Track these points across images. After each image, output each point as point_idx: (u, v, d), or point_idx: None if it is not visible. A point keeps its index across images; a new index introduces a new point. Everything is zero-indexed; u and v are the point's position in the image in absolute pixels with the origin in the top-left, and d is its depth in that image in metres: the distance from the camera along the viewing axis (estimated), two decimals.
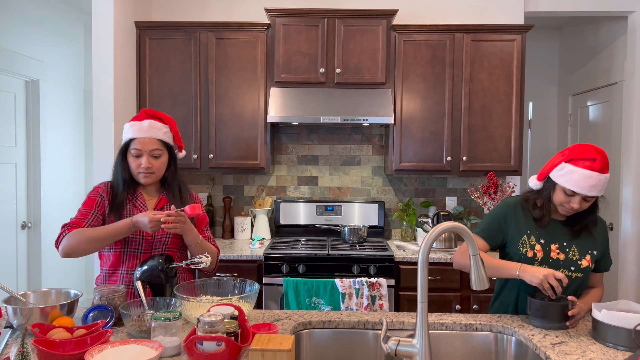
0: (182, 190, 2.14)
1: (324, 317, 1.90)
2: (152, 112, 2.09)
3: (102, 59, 3.20)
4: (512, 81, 3.45)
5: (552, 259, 1.95)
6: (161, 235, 2.04)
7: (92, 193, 2.08)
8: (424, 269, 1.36)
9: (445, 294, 3.19)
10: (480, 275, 1.46)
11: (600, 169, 1.83)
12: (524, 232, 1.99)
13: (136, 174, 2.05)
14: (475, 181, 3.81)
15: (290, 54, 3.45)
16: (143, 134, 2.01)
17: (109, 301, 1.77)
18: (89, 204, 2.04)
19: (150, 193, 2.12)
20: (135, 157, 2.03)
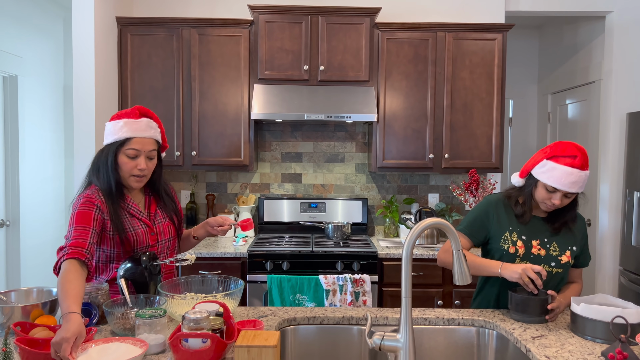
0: (167, 191, 2.06)
1: (308, 313, 1.91)
2: (144, 110, 1.92)
3: (83, 55, 3.16)
4: (493, 79, 3.49)
5: (533, 255, 1.99)
6: (164, 240, 2.00)
7: (85, 205, 1.79)
8: (408, 264, 1.38)
9: (428, 290, 3.22)
10: (462, 271, 1.49)
11: (580, 165, 1.87)
12: (505, 229, 2.03)
13: (127, 177, 1.87)
14: (457, 178, 3.85)
15: (274, 51, 3.45)
16: (141, 133, 1.85)
17: (92, 299, 1.75)
18: (85, 219, 1.76)
19: (136, 195, 1.98)
20: (130, 158, 1.85)
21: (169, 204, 2.04)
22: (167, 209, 2.04)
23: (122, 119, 1.86)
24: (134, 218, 1.91)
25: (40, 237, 4.52)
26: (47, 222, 4.62)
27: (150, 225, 1.95)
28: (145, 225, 1.94)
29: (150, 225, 1.95)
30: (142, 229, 1.92)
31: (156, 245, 1.96)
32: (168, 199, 2.04)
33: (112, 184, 1.85)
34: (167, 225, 2.01)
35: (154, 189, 2.02)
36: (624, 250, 3.68)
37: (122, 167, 1.86)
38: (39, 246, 4.51)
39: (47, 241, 4.62)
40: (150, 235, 1.94)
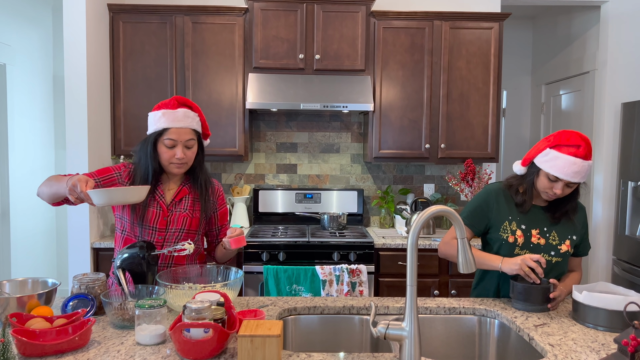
0: (207, 182, 2.06)
1: (309, 303, 1.89)
2: (182, 100, 1.96)
3: (74, 44, 3.09)
4: (489, 69, 3.48)
5: (532, 244, 1.98)
6: (175, 229, 1.98)
7: (113, 167, 1.99)
8: (413, 252, 1.36)
9: (424, 280, 3.22)
10: (467, 259, 1.47)
11: (584, 155, 1.85)
12: (505, 218, 2.02)
13: (167, 165, 1.94)
14: (453, 168, 3.85)
15: (269, 39, 3.41)
16: (178, 123, 1.90)
17: (89, 290, 1.72)
18: (102, 171, 1.95)
19: (170, 183, 2.02)
20: (168, 148, 1.91)
21: (204, 198, 2.02)
22: (198, 201, 2.02)
23: (161, 110, 1.92)
24: (153, 198, 1.96)
25: (31, 228, 4.46)
26: (37, 213, 4.55)
27: (164, 210, 1.97)
28: (160, 208, 1.96)
29: (164, 209, 1.97)
30: (154, 209, 1.95)
31: (165, 231, 1.96)
32: (203, 192, 2.02)
33: (151, 170, 1.93)
34: (183, 216, 1.99)
35: (193, 178, 2.03)
36: (617, 239, 3.70)
37: (161, 155, 1.93)
38: (30, 237, 4.44)
39: (38, 232, 4.56)
40: (162, 219, 1.96)
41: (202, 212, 2.02)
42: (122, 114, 3.43)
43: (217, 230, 2.13)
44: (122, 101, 3.42)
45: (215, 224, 2.12)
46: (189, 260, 2.04)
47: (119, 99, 3.42)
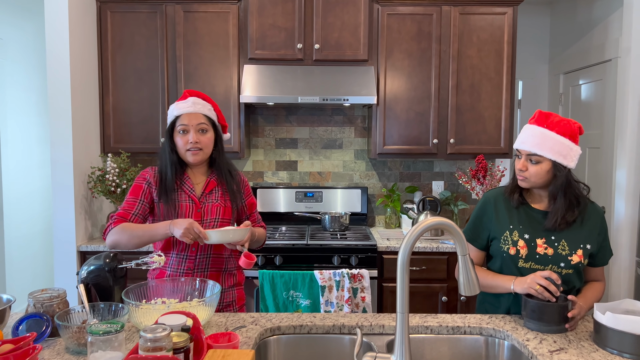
0: (231, 172, 2.06)
1: (295, 321, 1.69)
2: (194, 93, 2.02)
3: (56, 35, 2.91)
4: (502, 58, 3.23)
5: (538, 255, 1.76)
6: (210, 219, 1.96)
7: (138, 179, 2.01)
8: (404, 273, 1.15)
9: (431, 285, 3.00)
10: (470, 278, 1.26)
11: (537, 122, 1.74)
12: (505, 227, 1.80)
13: (184, 153, 1.95)
14: (463, 164, 3.61)
15: (265, 28, 3.19)
16: (187, 109, 1.94)
17: (46, 309, 1.54)
18: (135, 192, 1.97)
19: (197, 176, 2.03)
20: (182, 135, 1.94)
21: (230, 188, 2.02)
22: (227, 191, 2.02)
23: (175, 103, 1.99)
24: (183, 193, 1.97)
25: (27, 228, 4.33)
26: (33, 212, 4.42)
27: (197, 202, 1.96)
28: (192, 202, 1.96)
29: (197, 202, 1.97)
30: (187, 204, 1.95)
31: (200, 223, 1.94)
32: (231, 183, 2.03)
33: (169, 162, 1.95)
34: (216, 206, 1.98)
35: (215, 169, 2.03)
36: None
37: (177, 144, 1.95)
38: (25, 237, 4.31)
39: (34, 232, 4.42)
40: (196, 212, 1.95)
41: (232, 201, 2.03)
42: (111, 108, 3.25)
43: (246, 218, 2.12)
44: (111, 95, 3.25)
45: (245, 213, 2.12)
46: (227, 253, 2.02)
47: (107, 93, 3.25)
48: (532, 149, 1.71)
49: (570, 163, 1.72)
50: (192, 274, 1.94)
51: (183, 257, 1.94)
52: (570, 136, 1.72)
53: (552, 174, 1.73)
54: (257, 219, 2.16)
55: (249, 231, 1.85)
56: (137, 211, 1.94)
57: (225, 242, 1.84)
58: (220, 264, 1.99)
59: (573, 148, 1.72)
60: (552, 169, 1.72)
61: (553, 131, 1.71)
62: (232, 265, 2.04)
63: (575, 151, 1.73)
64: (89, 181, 3.09)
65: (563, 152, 1.70)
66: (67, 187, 2.94)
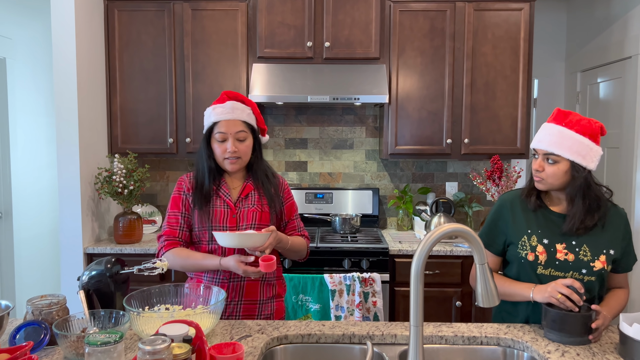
0: (269, 176, 1.97)
1: (303, 330, 1.62)
2: (232, 94, 1.93)
3: (63, 33, 2.88)
4: (518, 55, 3.13)
5: (558, 261, 1.67)
6: (245, 225, 1.88)
7: (176, 190, 1.95)
8: (418, 282, 1.08)
9: (445, 290, 2.92)
10: (488, 289, 1.18)
11: (555, 120, 1.66)
12: (523, 232, 1.71)
13: (222, 161, 1.89)
14: (478, 165, 3.51)
15: (274, 26, 3.12)
16: (226, 115, 1.85)
17: (45, 316, 1.48)
18: (175, 204, 1.93)
19: (234, 181, 1.96)
20: (220, 142, 1.87)
21: (268, 192, 1.93)
22: (264, 196, 1.93)
23: (212, 106, 1.90)
24: (219, 198, 1.91)
25: (35, 228, 4.31)
26: (42, 212, 4.40)
27: (232, 208, 1.89)
28: (227, 207, 1.89)
29: (232, 207, 1.89)
30: (221, 209, 1.89)
31: (235, 229, 1.88)
32: (268, 187, 1.94)
33: (206, 169, 1.89)
34: (252, 211, 1.90)
35: (252, 174, 1.96)
36: None
37: (215, 151, 1.89)
38: (34, 238, 4.29)
39: (42, 232, 4.40)
40: (231, 217, 1.88)
41: (270, 205, 1.94)
42: (118, 108, 3.21)
43: (283, 226, 2.02)
44: (118, 95, 3.20)
45: (282, 219, 2.01)
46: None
47: (115, 93, 3.20)
48: (549, 148, 1.62)
49: (590, 164, 1.63)
50: (228, 283, 1.86)
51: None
52: (590, 136, 1.64)
53: (570, 175, 1.64)
54: (297, 226, 2.04)
55: (268, 237, 1.73)
56: (182, 225, 1.90)
57: (239, 247, 1.74)
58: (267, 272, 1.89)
59: (593, 148, 1.63)
60: (570, 169, 1.64)
61: (572, 130, 1.63)
62: (270, 274, 1.94)
63: (595, 151, 1.64)
64: (95, 182, 3.04)
65: (582, 152, 1.61)
66: (74, 188, 2.90)
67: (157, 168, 3.57)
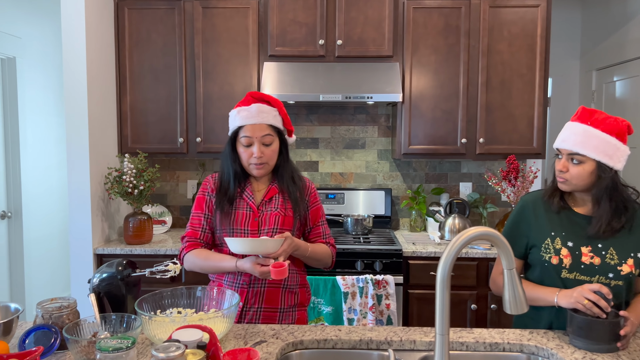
0: (294, 179, 1.90)
1: (318, 335, 1.57)
2: (258, 95, 1.85)
3: (73, 32, 2.84)
4: (535, 53, 3.06)
5: (584, 265, 1.61)
6: (267, 229, 1.82)
7: (201, 190, 1.91)
8: (444, 289, 1.03)
9: (460, 292, 2.86)
10: (517, 296, 1.12)
11: (580, 119, 1.60)
12: (546, 234, 1.66)
13: (247, 166, 1.83)
14: (492, 165, 3.45)
15: (286, 24, 3.08)
16: (252, 119, 1.77)
17: (55, 320, 1.45)
18: (199, 205, 1.89)
19: (259, 184, 1.90)
20: (245, 147, 1.80)
21: (292, 196, 1.86)
22: (289, 199, 1.87)
23: (237, 108, 1.83)
24: (242, 200, 1.85)
25: (45, 228, 4.29)
26: (51, 212, 4.38)
27: (254, 211, 1.83)
28: (250, 209, 1.83)
29: (255, 210, 1.83)
30: (244, 212, 1.83)
31: (257, 233, 1.81)
32: (293, 190, 1.87)
33: (232, 173, 1.84)
34: (275, 215, 1.83)
35: (278, 177, 1.90)
36: None
37: (241, 156, 1.83)
38: (43, 238, 4.28)
39: (52, 233, 4.39)
40: (253, 221, 1.82)
41: (295, 210, 1.86)
42: (128, 108, 3.18)
43: (308, 231, 1.94)
44: (128, 94, 3.17)
45: (307, 224, 1.93)
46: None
47: (125, 92, 3.17)
48: (573, 148, 1.56)
49: (617, 164, 1.57)
50: (248, 289, 1.80)
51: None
52: (617, 134, 1.58)
53: (596, 176, 1.58)
54: (323, 233, 1.94)
55: (282, 243, 1.65)
56: (204, 226, 1.85)
57: (251, 253, 1.64)
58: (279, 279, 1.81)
59: (620, 148, 1.57)
60: (595, 170, 1.58)
61: (598, 129, 1.57)
62: (293, 282, 1.87)
63: (622, 151, 1.58)
64: (105, 182, 3.01)
65: (609, 151, 1.55)
66: (84, 188, 2.87)
67: (167, 168, 3.53)
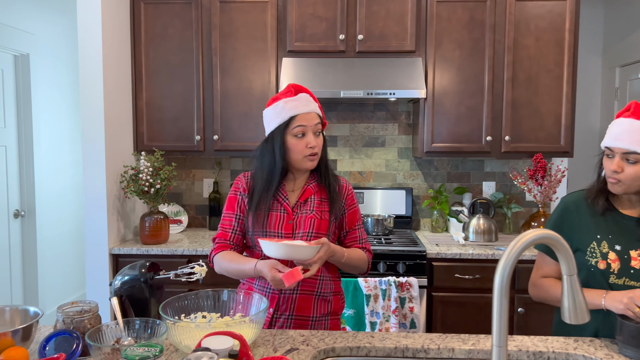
0: (333, 176, 1.80)
1: (350, 342, 1.49)
2: (298, 87, 1.74)
3: (89, 27, 2.78)
4: (563, 48, 2.96)
5: (633, 270, 1.52)
6: (302, 233, 1.70)
7: (232, 190, 1.80)
8: (502, 297, 0.94)
9: (486, 295, 2.76)
10: (578, 304, 1.03)
11: (634, 114, 1.49)
12: (591, 238, 1.56)
13: (300, 158, 1.69)
14: (517, 164, 3.35)
15: (305, 18, 3.00)
16: (304, 108, 1.68)
17: (76, 324, 1.38)
18: (230, 205, 1.79)
19: (295, 183, 1.78)
20: (299, 138, 1.67)
21: (331, 197, 1.75)
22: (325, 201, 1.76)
23: (281, 100, 1.69)
24: (276, 201, 1.73)
25: (58, 227, 4.25)
26: (65, 212, 4.34)
27: (289, 213, 1.73)
28: (284, 211, 1.73)
29: (289, 212, 1.73)
30: (277, 213, 1.72)
31: (291, 236, 1.71)
32: (332, 190, 1.76)
33: (278, 171, 1.70)
34: (310, 217, 1.72)
35: (319, 175, 1.78)
36: None
37: (292, 149, 1.68)
38: (57, 237, 4.23)
39: (65, 232, 4.34)
40: (287, 223, 1.72)
41: (331, 213, 1.75)
42: (144, 105, 3.11)
43: (343, 235, 1.83)
44: (144, 91, 3.11)
45: (344, 227, 1.81)
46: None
47: (140, 89, 3.10)
48: (630, 147, 1.46)
49: None
50: (279, 295, 1.71)
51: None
52: None
53: None
54: (359, 237, 1.82)
55: (317, 250, 1.55)
56: (235, 227, 1.76)
57: (285, 258, 1.56)
58: (312, 286, 1.72)
59: None
60: None
61: None
62: (326, 289, 1.76)
63: None
64: (121, 180, 2.95)
65: None
66: (99, 187, 2.81)
67: (183, 167, 3.47)
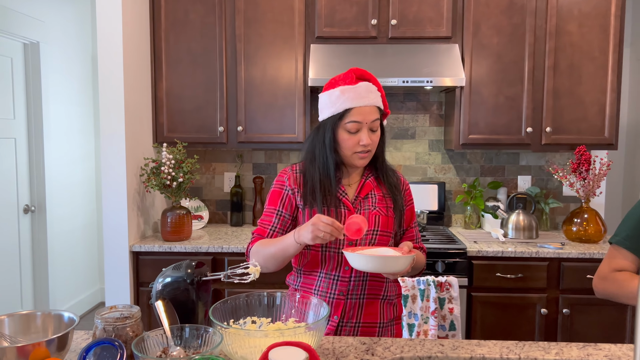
0: (392, 170, 1.65)
1: (419, 351, 1.34)
2: (360, 72, 1.55)
3: (108, 14, 2.62)
4: (608, 34, 2.80)
5: None
6: (367, 232, 1.54)
7: (277, 183, 1.63)
8: None
9: (528, 296, 2.62)
10: None
11: None
12: None
13: (350, 155, 1.53)
14: (554, 157, 3.19)
15: (335, 2, 2.84)
16: (361, 101, 1.49)
17: (118, 332, 1.22)
18: (273, 200, 1.61)
19: (351, 175, 1.62)
20: (351, 134, 1.51)
21: (392, 190, 1.60)
22: (387, 196, 1.60)
23: (338, 87, 1.52)
24: (333, 196, 1.55)
25: (69, 223, 4.09)
26: (76, 206, 4.18)
27: (350, 209, 1.56)
28: (344, 207, 1.56)
29: (351, 208, 1.56)
30: (338, 209, 1.55)
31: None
32: (393, 184, 1.61)
33: (332, 167, 1.54)
34: (374, 214, 1.56)
35: (376, 167, 1.62)
36: None
37: (342, 144, 1.53)
38: (68, 233, 4.08)
39: (76, 227, 4.19)
40: None
41: (396, 209, 1.59)
42: (164, 94, 2.95)
43: (400, 234, 1.67)
44: (164, 80, 2.95)
45: (401, 225, 1.65)
46: None
47: (160, 78, 2.95)
48: None
49: None
50: (345, 301, 1.55)
51: (334, 278, 1.55)
52: None
53: None
54: (416, 236, 1.68)
55: (411, 260, 1.38)
56: (275, 225, 1.59)
57: (376, 272, 1.40)
58: (378, 289, 1.58)
59: None
60: None
61: None
62: (392, 292, 1.62)
63: None
64: (141, 174, 2.79)
65: None
66: (119, 181, 2.66)
67: (203, 159, 3.31)
